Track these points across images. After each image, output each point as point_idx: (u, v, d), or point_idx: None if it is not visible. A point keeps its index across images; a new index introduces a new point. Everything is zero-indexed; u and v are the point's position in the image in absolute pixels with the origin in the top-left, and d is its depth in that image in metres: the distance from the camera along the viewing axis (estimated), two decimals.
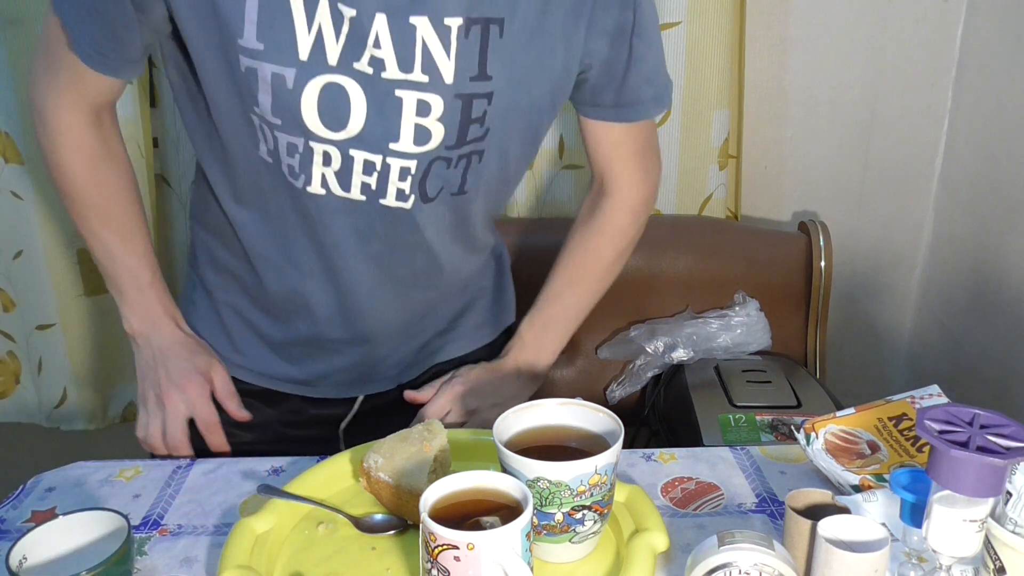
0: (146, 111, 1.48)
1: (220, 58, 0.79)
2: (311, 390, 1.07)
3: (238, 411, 1.02)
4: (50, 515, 0.86)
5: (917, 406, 0.94)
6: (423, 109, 0.81)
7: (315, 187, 0.86)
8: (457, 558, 0.63)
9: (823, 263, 1.49)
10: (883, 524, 0.70)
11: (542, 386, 1.22)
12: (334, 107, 0.79)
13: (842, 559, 0.66)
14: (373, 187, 0.86)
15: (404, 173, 0.85)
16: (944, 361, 1.72)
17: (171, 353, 1.00)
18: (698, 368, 1.43)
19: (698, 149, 1.56)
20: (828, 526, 0.68)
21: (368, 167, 0.84)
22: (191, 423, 1.01)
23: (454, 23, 0.79)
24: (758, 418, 1.26)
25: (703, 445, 1.18)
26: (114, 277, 1.01)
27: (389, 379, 1.08)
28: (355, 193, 0.86)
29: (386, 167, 0.84)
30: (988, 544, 0.66)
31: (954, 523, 0.65)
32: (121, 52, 0.85)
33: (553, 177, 1.59)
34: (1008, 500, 0.64)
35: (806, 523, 0.71)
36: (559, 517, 0.73)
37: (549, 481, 0.72)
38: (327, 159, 0.83)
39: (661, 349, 1.45)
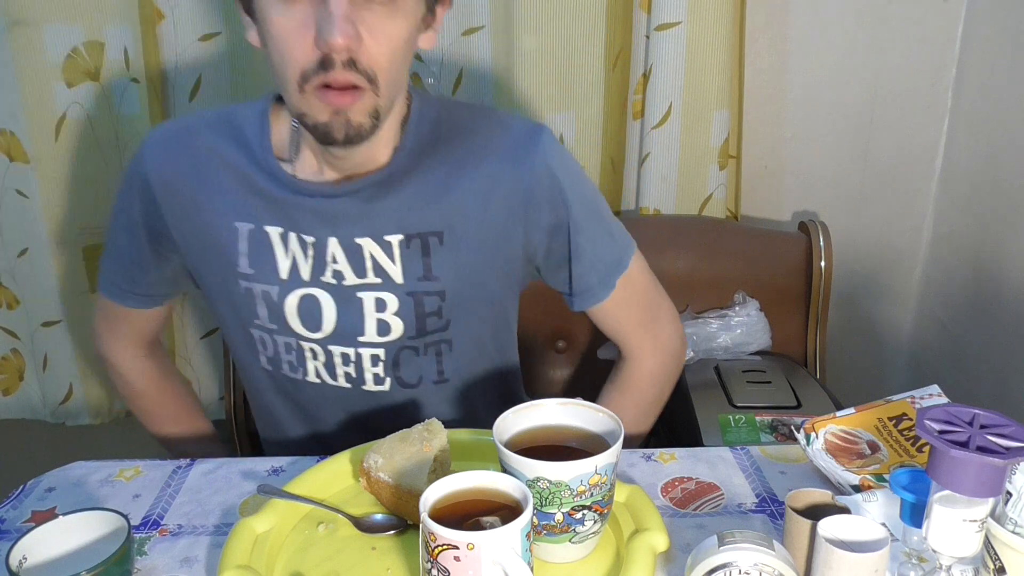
0: (156, 111, 1.48)
1: (224, 284, 1.01)
2: None
3: None
4: (50, 515, 0.86)
5: (917, 406, 0.94)
6: (380, 305, 0.97)
7: (311, 377, 1.03)
8: (457, 558, 0.63)
9: (823, 263, 1.49)
10: (883, 524, 0.70)
11: (541, 386, 1.22)
12: (310, 313, 0.98)
13: (842, 559, 0.66)
14: (353, 375, 1.02)
15: (375, 360, 1.01)
16: (944, 361, 1.72)
17: None
18: (698, 368, 1.43)
19: (698, 149, 1.56)
20: (828, 526, 0.68)
21: (345, 359, 1.01)
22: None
23: (394, 239, 0.96)
24: (758, 418, 1.26)
25: (703, 445, 1.18)
26: (183, 448, 1.22)
27: None
28: (341, 382, 1.03)
29: (359, 356, 1.00)
30: (988, 544, 0.66)
31: (954, 523, 0.65)
32: (138, 288, 1.09)
33: None
34: (1008, 500, 0.64)
35: (806, 523, 0.71)
36: (559, 517, 0.73)
37: (549, 481, 0.72)
38: (314, 354, 1.01)
39: None
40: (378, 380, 1.02)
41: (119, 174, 1.57)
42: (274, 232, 0.97)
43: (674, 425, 1.37)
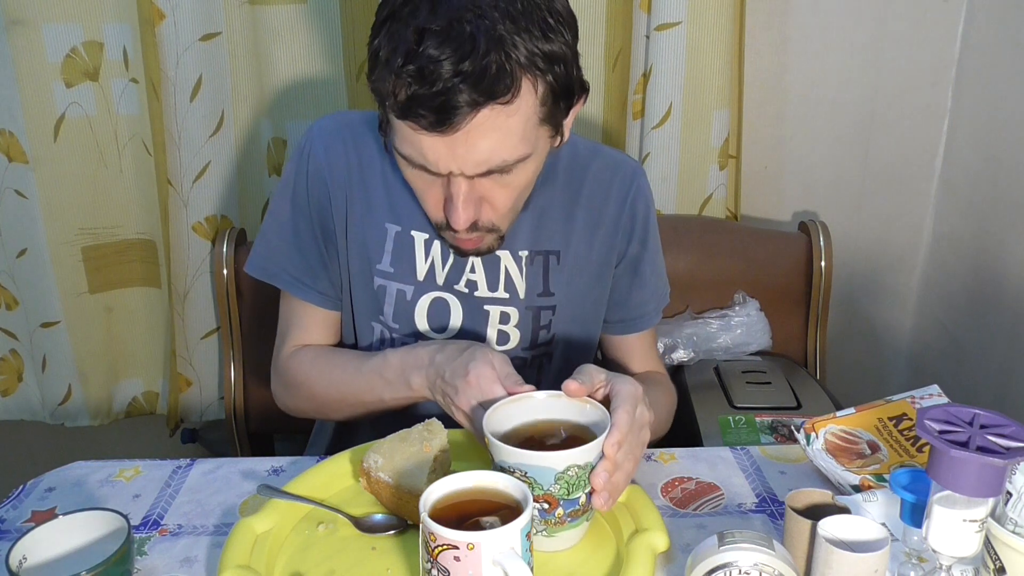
0: (156, 111, 1.48)
1: (362, 278, 1.05)
2: None
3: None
4: (50, 515, 0.86)
5: (917, 406, 0.95)
6: (504, 318, 1.05)
7: None
8: (457, 558, 0.63)
9: (823, 263, 1.49)
10: (883, 524, 0.70)
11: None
12: (439, 314, 1.04)
13: (842, 559, 0.66)
14: None
15: None
16: (944, 361, 1.72)
17: (443, 360, 0.93)
18: (698, 369, 1.43)
19: (698, 149, 1.56)
20: (828, 526, 0.69)
21: None
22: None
23: (524, 254, 1.04)
24: (758, 419, 1.26)
25: (703, 447, 1.18)
26: (372, 381, 1.02)
27: None
28: None
29: None
30: (988, 544, 0.66)
31: (954, 523, 0.65)
32: (319, 285, 1.07)
33: None
34: (1008, 500, 0.64)
35: (806, 523, 0.71)
36: (583, 499, 0.75)
37: (579, 467, 0.73)
38: None
39: (661, 350, 1.45)
40: None
41: (118, 175, 1.58)
42: (419, 237, 1.02)
43: (674, 426, 1.37)
